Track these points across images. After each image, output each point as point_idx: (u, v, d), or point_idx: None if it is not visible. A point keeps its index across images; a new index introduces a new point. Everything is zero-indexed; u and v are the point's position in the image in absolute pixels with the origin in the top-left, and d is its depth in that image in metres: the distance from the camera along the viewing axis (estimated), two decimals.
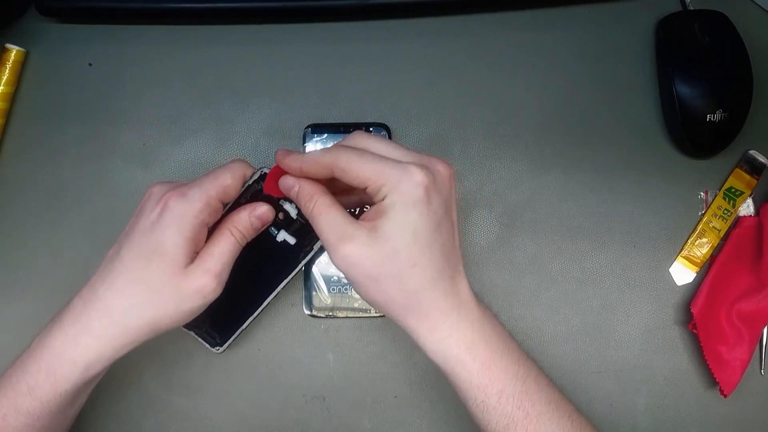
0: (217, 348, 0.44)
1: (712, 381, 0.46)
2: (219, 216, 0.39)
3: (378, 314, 0.46)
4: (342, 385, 0.47)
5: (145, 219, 0.37)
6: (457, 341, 0.36)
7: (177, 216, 0.36)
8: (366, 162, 0.34)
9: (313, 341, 0.47)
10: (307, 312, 0.46)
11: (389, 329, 0.47)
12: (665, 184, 0.48)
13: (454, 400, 0.46)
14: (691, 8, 0.48)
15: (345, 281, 0.46)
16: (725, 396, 0.45)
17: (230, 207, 0.40)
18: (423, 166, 0.34)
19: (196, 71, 0.48)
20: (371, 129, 0.46)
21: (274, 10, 0.47)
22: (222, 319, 0.43)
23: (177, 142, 0.47)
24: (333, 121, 0.47)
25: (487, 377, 0.35)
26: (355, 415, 0.47)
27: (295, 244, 0.43)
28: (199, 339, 0.44)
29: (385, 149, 0.36)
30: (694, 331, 0.46)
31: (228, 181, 0.38)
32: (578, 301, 0.47)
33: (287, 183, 0.37)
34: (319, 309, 0.46)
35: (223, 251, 0.38)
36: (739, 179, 0.48)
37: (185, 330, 0.43)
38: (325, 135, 0.46)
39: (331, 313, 0.46)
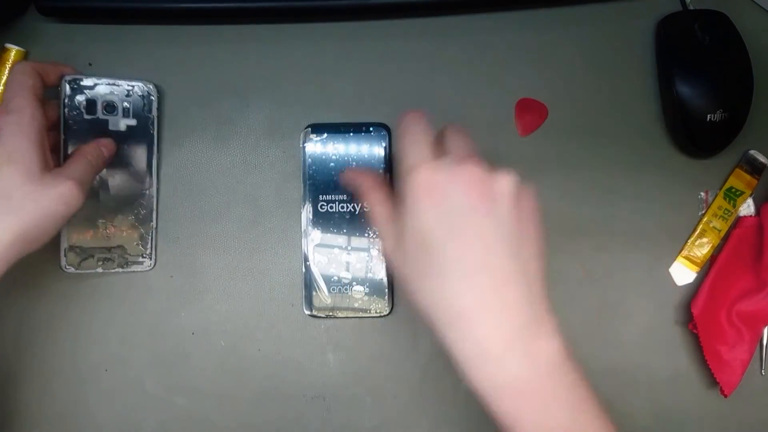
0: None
1: (713, 381, 0.46)
2: (48, 118, 0.41)
3: (378, 314, 0.46)
4: (342, 385, 0.47)
5: None
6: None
7: (15, 124, 0.37)
8: (402, 140, 0.36)
9: (313, 341, 0.47)
10: (307, 312, 0.46)
11: (389, 329, 0.47)
12: (665, 184, 0.48)
13: (454, 400, 0.46)
14: (691, 8, 0.48)
15: (345, 281, 0.46)
16: (726, 396, 0.45)
17: (64, 130, 0.44)
18: (447, 163, 0.33)
19: (196, 71, 0.48)
20: (371, 129, 0.46)
21: (274, 10, 0.47)
22: None
23: (177, 142, 0.47)
24: (333, 121, 0.47)
25: None
26: (355, 415, 0.47)
27: (137, 123, 0.45)
28: None
29: (452, 142, 0.36)
30: (695, 331, 0.46)
31: (29, 81, 0.39)
32: (578, 301, 0.47)
33: (348, 176, 0.41)
34: (319, 309, 0.46)
35: (80, 166, 0.40)
36: (740, 179, 0.48)
37: None
38: (325, 134, 0.46)
39: (331, 313, 0.46)
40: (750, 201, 0.48)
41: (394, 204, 0.35)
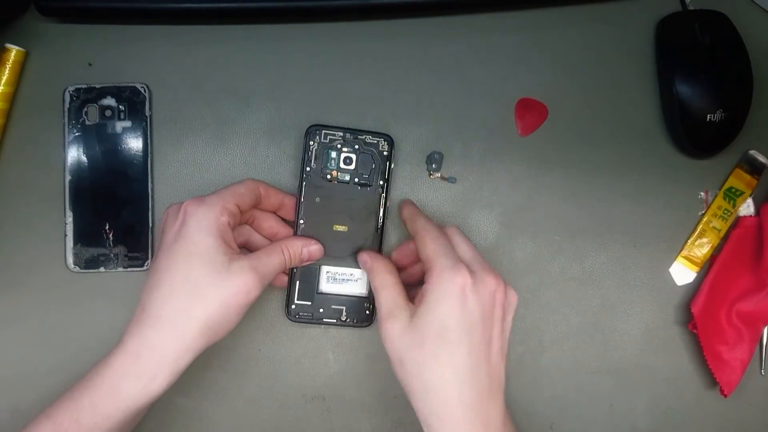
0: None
1: (712, 381, 0.46)
2: (240, 220, 0.41)
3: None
4: (342, 385, 0.47)
5: (170, 232, 0.39)
6: None
7: (199, 219, 0.38)
8: (430, 243, 0.39)
9: (313, 341, 0.47)
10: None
11: None
12: (665, 184, 0.48)
13: None
14: (691, 8, 0.48)
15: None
16: (725, 396, 0.45)
17: (68, 138, 0.45)
18: (472, 271, 0.37)
19: (196, 71, 0.48)
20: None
21: (274, 10, 0.47)
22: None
23: (177, 142, 0.47)
24: (333, 121, 0.47)
25: None
26: (355, 415, 0.47)
27: (132, 124, 0.46)
28: None
29: (463, 248, 0.39)
30: (694, 331, 0.46)
31: (241, 189, 0.41)
32: (578, 301, 0.47)
33: (363, 258, 0.43)
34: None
35: (271, 260, 0.40)
36: (740, 179, 0.48)
37: None
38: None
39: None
40: (750, 201, 0.48)
41: (404, 290, 0.39)
